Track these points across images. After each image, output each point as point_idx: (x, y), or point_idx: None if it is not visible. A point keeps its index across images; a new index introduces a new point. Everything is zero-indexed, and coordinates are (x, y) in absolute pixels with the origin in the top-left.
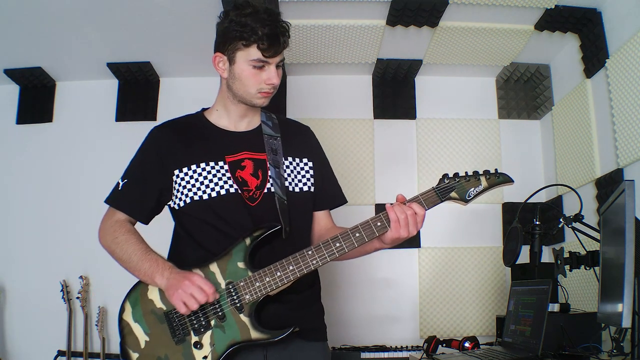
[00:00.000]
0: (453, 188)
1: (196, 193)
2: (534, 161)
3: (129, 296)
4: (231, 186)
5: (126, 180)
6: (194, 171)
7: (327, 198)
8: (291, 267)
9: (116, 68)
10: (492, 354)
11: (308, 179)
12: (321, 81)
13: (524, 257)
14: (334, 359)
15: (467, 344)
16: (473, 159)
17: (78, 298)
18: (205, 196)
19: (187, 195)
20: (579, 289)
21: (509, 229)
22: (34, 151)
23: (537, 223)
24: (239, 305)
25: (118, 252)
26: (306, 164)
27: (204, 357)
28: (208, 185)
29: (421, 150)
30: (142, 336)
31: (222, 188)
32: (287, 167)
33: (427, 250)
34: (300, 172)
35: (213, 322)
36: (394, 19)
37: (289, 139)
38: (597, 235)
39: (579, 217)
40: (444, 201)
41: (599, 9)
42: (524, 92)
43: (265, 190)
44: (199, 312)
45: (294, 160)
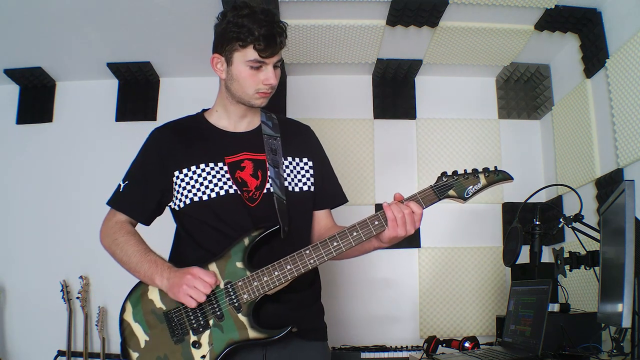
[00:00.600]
0: (451, 186)
1: (196, 194)
2: (534, 161)
3: (129, 296)
4: (231, 187)
5: (127, 182)
6: (193, 172)
7: (327, 197)
8: (289, 267)
9: (116, 68)
10: (492, 354)
11: (308, 179)
12: (321, 81)
13: (524, 257)
14: (334, 359)
15: (467, 344)
16: (473, 159)
17: (78, 298)
18: (205, 197)
19: (187, 196)
20: (579, 289)
21: (509, 229)
22: (34, 151)
23: (537, 223)
24: (237, 304)
25: (118, 253)
26: (306, 163)
27: (202, 356)
28: (208, 186)
29: (421, 150)
30: (142, 336)
31: (221, 189)
32: (287, 167)
33: (427, 250)
34: (300, 172)
35: (211, 322)
36: (394, 19)
37: (288, 138)
38: (597, 235)
39: (579, 217)
40: (442, 199)
41: (599, 9)
42: (524, 92)
43: (265, 191)
44: (198, 312)
45: (294, 160)
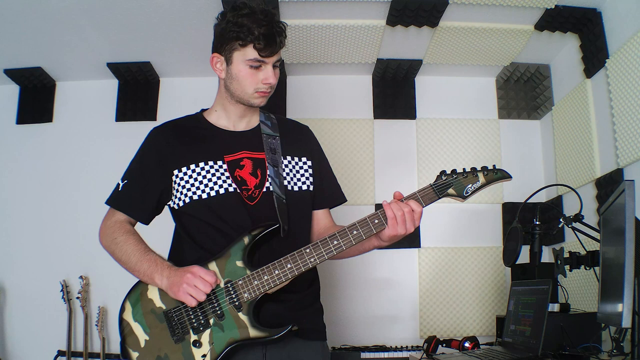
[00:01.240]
0: (451, 184)
1: (195, 193)
2: (534, 161)
3: (129, 296)
4: (230, 185)
5: (126, 181)
6: (193, 171)
7: (326, 197)
8: (289, 265)
9: (116, 68)
10: (492, 354)
11: (307, 178)
12: (321, 81)
13: (524, 257)
14: (333, 359)
15: (467, 344)
16: (473, 159)
17: (78, 298)
18: (205, 195)
19: (187, 195)
20: (579, 289)
21: (509, 229)
22: (34, 151)
23: (537, 223)
24: (237, 303)
25: (117, 252)
26: (305, 163)
27: (203, 355)
28: (207, 185)
29: (421, 150)
30: (142, 335)
31: (221, 187)
32: (286, 166)
33: (427, 250)
34: (299, 172)
35: (212, 321)
36: (394, 19)
37: (287, 138)
38: (597, 235)
39: (579, 217)
40: (441, 197)
41: (599, 9)
42: (524, 92)
43: (264, 190)
44: (198, 311)
45: (293, 159)
